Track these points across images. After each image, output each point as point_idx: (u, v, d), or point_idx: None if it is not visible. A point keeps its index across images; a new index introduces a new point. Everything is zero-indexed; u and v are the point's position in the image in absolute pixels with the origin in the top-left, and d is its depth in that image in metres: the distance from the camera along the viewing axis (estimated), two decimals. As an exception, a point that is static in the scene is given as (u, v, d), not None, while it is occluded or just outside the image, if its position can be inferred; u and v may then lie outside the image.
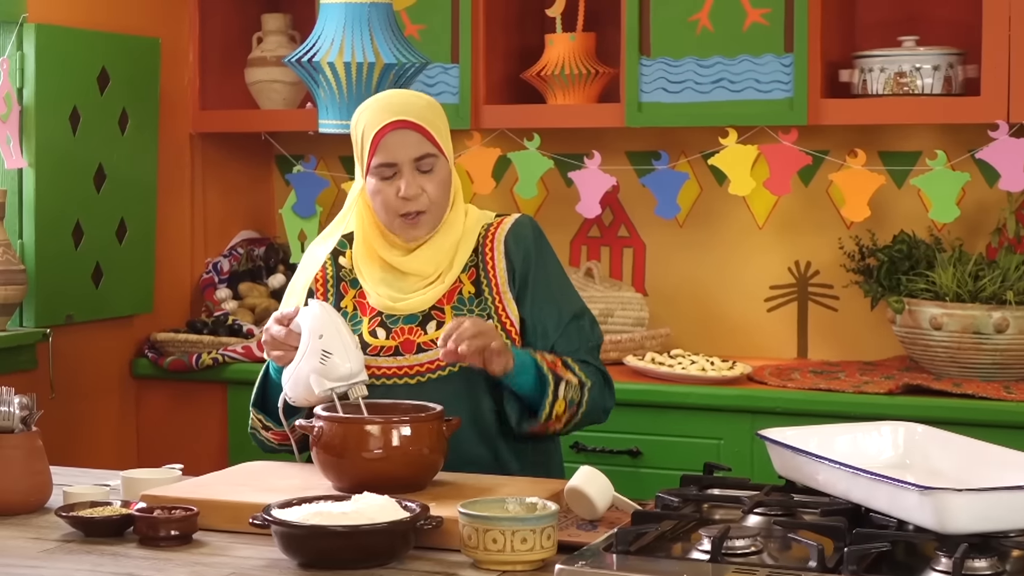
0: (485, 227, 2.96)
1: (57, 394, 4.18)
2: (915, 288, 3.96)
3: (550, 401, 2.80)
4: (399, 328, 2.88)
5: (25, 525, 2.58)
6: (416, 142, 2.86)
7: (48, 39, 4.13)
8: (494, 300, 2.89)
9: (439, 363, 2.83)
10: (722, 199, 4.47)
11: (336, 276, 2.97)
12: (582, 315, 2.94)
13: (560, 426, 2.86)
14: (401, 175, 2.85)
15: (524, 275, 2.91)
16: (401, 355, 2.86)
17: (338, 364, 2.68)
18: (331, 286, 2.96)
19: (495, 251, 2.92)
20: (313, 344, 2.70)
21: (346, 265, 2.96)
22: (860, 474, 2.27)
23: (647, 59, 4.21)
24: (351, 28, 3.53)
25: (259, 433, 2.97)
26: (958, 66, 4.03)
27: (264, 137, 4.88)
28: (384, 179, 2.86)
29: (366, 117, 2.89)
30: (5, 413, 2.68)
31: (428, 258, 2.89)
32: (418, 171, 2.86)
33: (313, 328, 2.71)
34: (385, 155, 2.85)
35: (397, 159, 2.85)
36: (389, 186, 2.86)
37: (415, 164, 2.85)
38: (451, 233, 2.91)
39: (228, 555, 2.36)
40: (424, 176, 2.86)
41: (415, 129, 2.85)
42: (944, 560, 2.11)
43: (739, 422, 3.94)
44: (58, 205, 4.21)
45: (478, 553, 2.26)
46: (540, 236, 2.97)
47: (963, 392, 3.80)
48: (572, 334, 2.91)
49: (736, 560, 2.16)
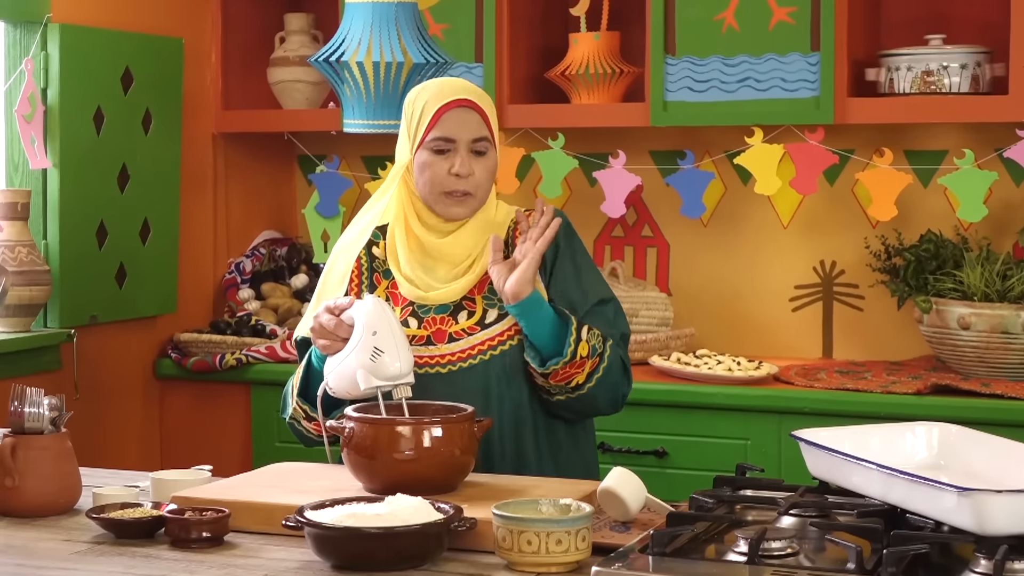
0: (514, 221, 2.96)
1: (81, 395, 4.18)
2: (943, 288, 3.94)
3: (574, 338, 2.78)
4: (431, 318, 2.88)
5: (55, 527, 2.57)
6: (476, 124, 2.88)
7: (72, 39, 4.13)
8: None
9: (470, 352, 2.84)
10: (747, 199, 4.46)
11: (370, 267, 2.96)
12: (607, 302, 2.93)
13: (583, 376, 2.81)
14: (456, 153, 2.87)
15: (552, 264, 2.91)
16: (433, 344, 2.86)
17: (388, 363, 2.67)
18: (365, 277, 2.96)
19: None
20: (366, 340, 2.67)
21: (380, 256, 2.96)
22: (897, 475, 2.25)
23: (672, 58, 4.20)
24: (378, 28, 3.52)
25: (299, 423, 2.94)
26: (985, 65, 4.01)
27: (287, 137, 4.87)
28: (438, 152, 2.87)
29: (428, 93, 2.90)
30: (35, 414, 2.67)
31: (462, 242, 2.90)
32: (472, 152, 2.87)
33: (368, 324, 2.69)
34: (445, 130, 2.87)
35: (456, 136, 2.87)
36: (442, 161, 2.87)
37: (471, 145, 2.87)
38: (484, 220, 2.92)
39: (261, 557, 2.35)
40: (477, 159, 2.88)
41: (477, 111, 2.88)
42: (984, 562, 2.09)
43: (766, 422, 3.93)
44: (82, 205, 4.20)
45: (512, 555, 2.24)
46: (569, 228, 2.96)
47: (992, 392, 3.78)
48: (596, 317, 2.88)
49: (773, 562, 2.15)
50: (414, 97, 2.93)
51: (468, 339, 2.84)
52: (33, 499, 2.63)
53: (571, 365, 2.80)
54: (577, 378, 2.82)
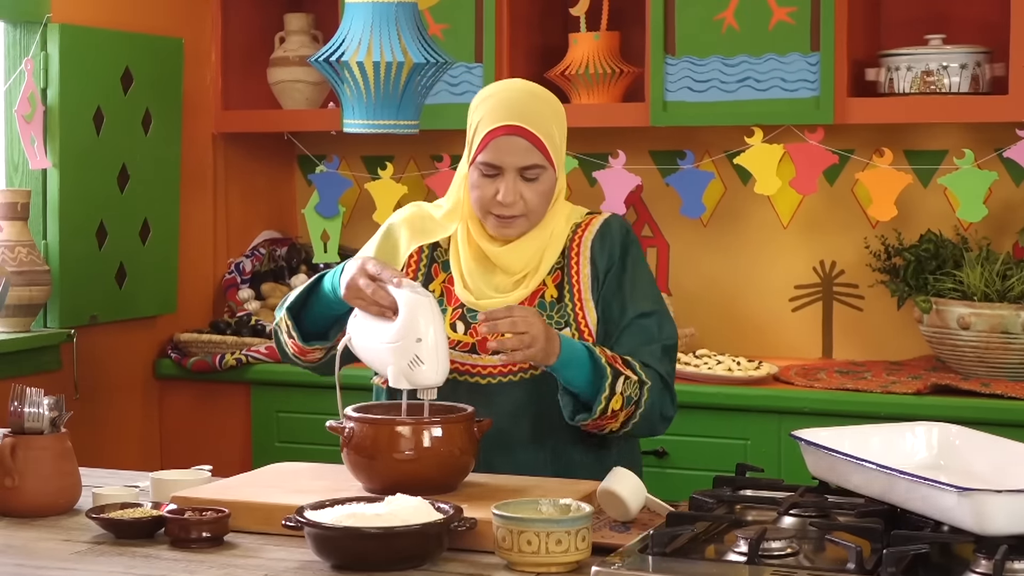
0: (573, 228, 2.89)
1: (81, 395, 4.18)
2: (943, 288, 3.94)
3: (606, 396, 2.69)
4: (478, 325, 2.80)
5: (55, 527, 2.57)
6: (526, 151, 2.77)
7: (72, 39, 4.13)
8: (574, 307, 2.83)
9: (511, 368, 2.79)
10: (746, 198, 4.46)
11: (431, 256, 2.91)
12: (650, 314, 2.83)
13: (617, 425, 2.75)
14: (503, 178, 2.79)
15: (604, 275, 2.85)
16: (476, 353, 2.81)
17: (424, 375, 2.58)
18: (423, 265, 2.91)
19: (580, 255, 2.86)
20: (408, 343, 2.58)
21: (444, 245, 2.91)
22: (897, 475, 2.25)
23: (672, 58, 4.20)
24: (378, 27, 3.51)
25: (282, 335, 2.87)
26: (985, 64, 4.01)
27: (286, 137, 4.87)
28: (485, 176, 2.79)
29: (484, 109, 2.82)
30: (34, 414, 2.67)
31: (519, 255, 2.83)
32: (521, 178, 2.79)
33: (415, 326, 2.58)
34: (492, 156, 2.78)
35: (503, 164, 2.77)
36: (489, 184, 2.79)
37: (520, 172, 2.79)
38: (544, 232, 2.85)
39: (260, 557, 2.35)
40: (526, 184, 2.79)
41: (529, 139, 2.78)
42: (984, 562, 2.09)
43: (766, 422, 3.93)
44: (82, 205, 4.20)
45: (512, 555, 2.24)
46: (628, 236, 2.89)
47: (991, 392, 3.78)
48: (635, 332, 2.81)
49: (773, 562, 2.15)
50: (476, 105, 2.85)
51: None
52: (33, 499, 2.63)
53: (603, 418, 2.73)
54: (611, 427, 2.76)
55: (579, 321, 2.82)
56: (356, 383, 3.07)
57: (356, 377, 3.01)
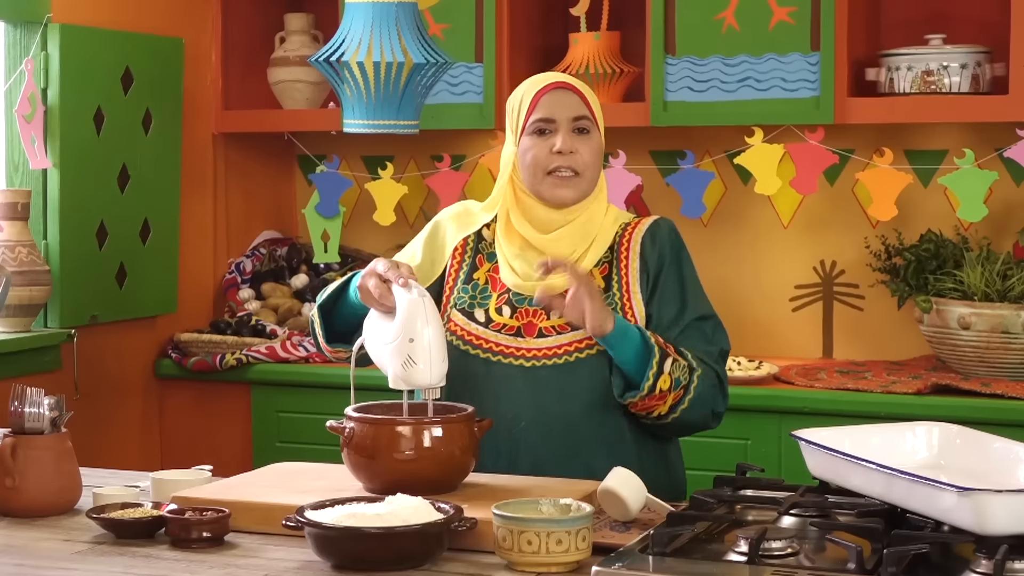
0: (623, 226, 2.91)
1: (81, 395, 4.18)
2: (943, 287, 3.94)
3: (654, 372, 2.71)
4: (524, 309, 2.83)
5: (56, 527, 2.57)
6: (575, 103, 2.85)
7: (72, 39, 4.13)
8: (622, 297, 2.84)
9: (556, 351, 2.80)
10: (747, 198, 4.46)
11: (476, 248, 2.94)
12: (707, 318, 2.86)
13: (665, 408, 2.75)
14: (557, 133, 2.84)
15: (656, 275, 2.86)
16: (522, 336, 2.82)
17: (419, 374, 2.59)
18: (468, 256, 2.93)
19: (630, 251, 2.88)
20: (401, 343, 2.60)
21: (488, 238, 2.94)
22: (897, 475, 2.25)
23: (672, 58, 4.20)
24: (378, 27, 3.51)
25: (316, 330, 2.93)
26: (985, 64, 4.01)
27: (287, 137, 4.87)
28: (539, 134, 2.85)
29: (525, 87, 2.90)
30: (35, 415, 2.67)
31: (566, 241, 2.85)
32: (574, 132, 2.85)
33: (406, 327, 2.60)
34: (544, 111, 2.85)
35: (556, 116, 2.84)
36: (543, 142, 2.84)
37: (572, 123, 2.85)
38: (592, 222, 2.87)
39: (261, 556, 2.35)
40: (580, 138, 2.85)
41: (576, 93, 2.86)
42: (984, 562, 2.09)
43: (767, 422, 3.93)
44: (82, 205, 4.20)
45: (512, 555, 2.24)
46: (678, 239, 2.92)
47: (992, 392, 3.78)
48: (693, 334, 2.83)
49: (773, 562, 2.15)
50: (513, 95, 2.92)
51: (556, 337, 2.79)
52: (33, 499, 2.63)
53: (651, 398, 2.74)
54: (659, 409, 2.77)
55: (625, 312, 2.83)
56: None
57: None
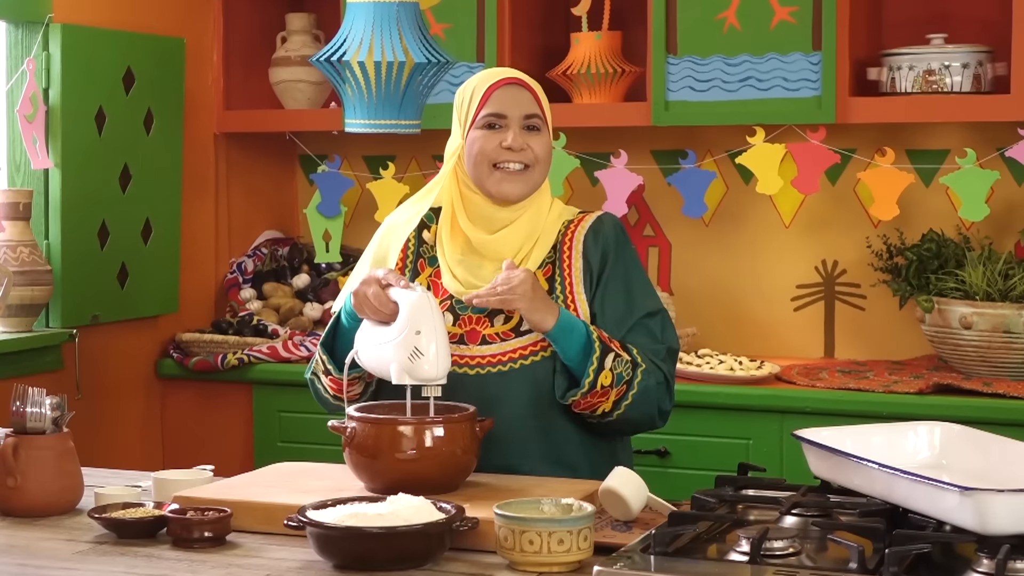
0: (566, 223, 2.90)
1: (83, 395, 4.18)
2: (944, 287, 3.94)
3: (594, 368, 2.70)
4: (467, 316, 2.82)
5: (57, 527, 2.57)
6: (528, 101, 2.86)
7: (74, 39, 4.13)
8: (566, 298, 2.82)
9: (501, 358, 2.79)
10: (748, 198, 4.46)
11: (416, 252, 2.92)
12: (654, 315, 2.84)
13: (609, 404, 2.74)
14: (508, 128, 2.84)
15: (599, 274, 2.85)
16: (465, 344, 2.80)
17: (425, 367, 2.60)
18: (410, 261, 2.92)
19: (573, 250, 2.86)
20: (408, 337, 2.61)
21: (429, 240, 2.92)
22: (899, 475, 2.25)
23: (674, 58, 4.20)
24: (380, 27, 3.51)
25: (319, 380, 2.90)
26: (987, 64, 4.01)
27: (288, 137, 4.87)
28: (489, 128, 2.85)
29: (476, 79, 2.89)
30: (36, 414, 2.68)
31: (509, 241, 2.84)
32: (525, 129, 2.85)
33: (413, 320, 2.61)
34: (496, 106, 2.84)
35: (507, 112, 2.84)
36: (492, 136, 2.84)
37: (524, 121, 2.85)
38: (536, 219, 2.87)
39: (262, 556, 2.35)
40: (530, 135, 2.85)
41: (528, 90, 2.86)
42: (986, 561, 2.09)
43: (768, 422, 3.92)
44: (84, 205, 4.20)
45: (514, 554, 2.24)
46: (621, 235, 2.90)
47: (994, 391, 3.78)
48: (640, 332, 2.81)
49: (775, 562, 2.15)
50: (462, 87, 2.91)
51: (501, 344, 2.78)
52: (35, 499, 2.63)
53: (592, 395, 2.73)
54: (603, 406, 2.75)
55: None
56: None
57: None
